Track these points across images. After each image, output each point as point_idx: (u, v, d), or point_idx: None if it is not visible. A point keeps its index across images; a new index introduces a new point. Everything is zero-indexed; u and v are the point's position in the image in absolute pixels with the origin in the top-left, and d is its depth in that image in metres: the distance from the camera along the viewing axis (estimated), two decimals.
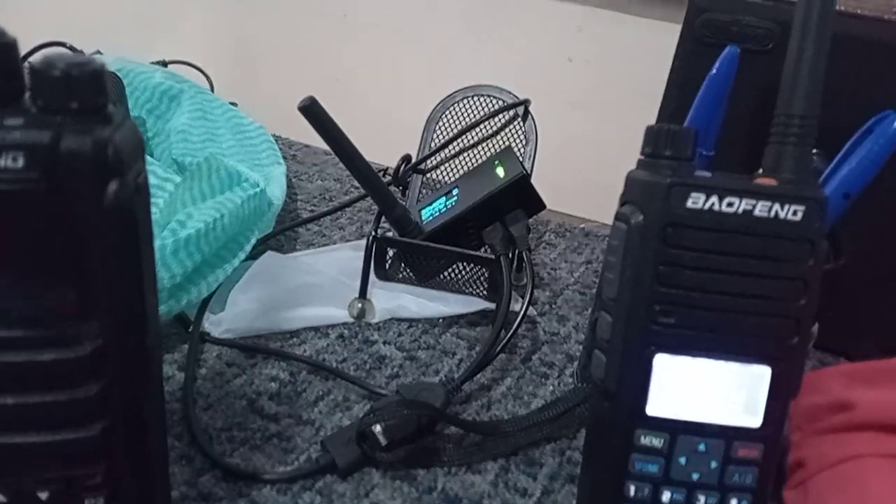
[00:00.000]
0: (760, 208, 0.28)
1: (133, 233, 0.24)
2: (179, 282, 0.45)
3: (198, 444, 0.39)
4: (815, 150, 0.39)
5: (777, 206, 0.28)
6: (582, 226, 0.73)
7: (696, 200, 0.28)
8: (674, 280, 0.28)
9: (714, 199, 0.27)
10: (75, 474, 0.26)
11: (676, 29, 0.49)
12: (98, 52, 0.70)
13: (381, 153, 0.65)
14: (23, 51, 0.23)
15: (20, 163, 0.21)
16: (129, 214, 0.23)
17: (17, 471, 0.25)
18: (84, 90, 0.22)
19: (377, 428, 0.38)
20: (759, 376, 0.29)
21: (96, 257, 0.23)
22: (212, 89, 0.77)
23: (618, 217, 0.30)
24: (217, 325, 0.48)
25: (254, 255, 0.53)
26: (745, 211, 0.28)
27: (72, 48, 0.63)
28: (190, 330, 0.47)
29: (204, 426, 0.40)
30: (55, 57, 0.22)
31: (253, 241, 0.52)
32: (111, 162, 0.22)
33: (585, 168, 0.76)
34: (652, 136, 0.29)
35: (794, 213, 0.28)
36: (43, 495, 0.25)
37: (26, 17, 1.05)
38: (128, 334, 0.25)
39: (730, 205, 0.28)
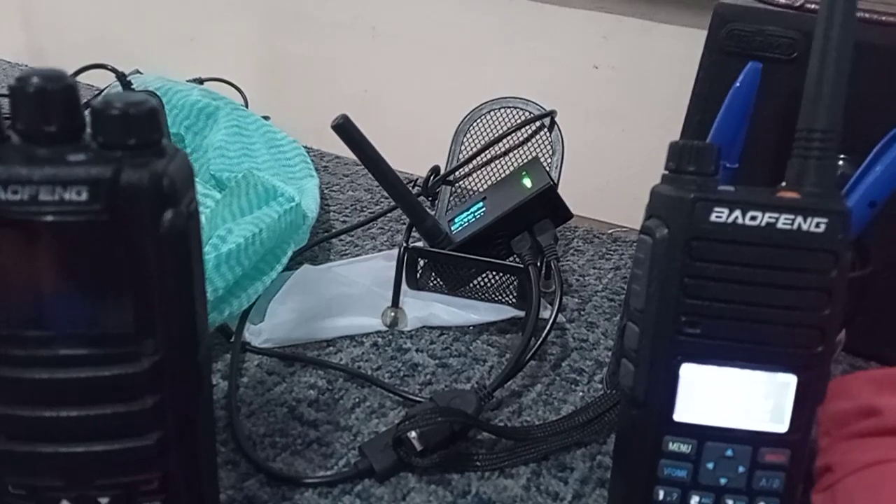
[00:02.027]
0: (783, 221, 0.28)
1: (186, 257, 0.25)
2: (221, 294, 0.47)
3: (242, 450, 0.40)
4: (842, 156, 0.39)
5: (800, 219, 0.28)
6: (610, 231, 0.73)
7: (719, 214, 0.28)
8: (699, 292, 0.29)
9: (737, 212, 0.28)
10: (133, 480, 0.27)
11: (702, 35, 0.49)
12: (137, 71, 0.72)
13: (410, 163, 0.67)
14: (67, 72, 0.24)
15: (84, 196, 0.23)
16: (182, 240, 0.25)
17: (81, 478, 0.27)
18: (141, 127, 0.24)
19: (413, 434, 0.39)
20: (784, 384, 0.29)
21: (153, 280, 0.25)
22: (246, 105, 0.79)
23: (643, 231, 0.30)
24: (257, 335, 0.50)
25: (290, 267, 0.55)
26: (768, 224, 0.28)
27: (113, 70, 0.65)
28: (232, 340, 0.49)
29: (248, 433, 0.42)
30: (114, 97, 0.24)
31: (289, 253, 0.54)
32: (166, 192, 0.24)
33: (613, 174, 0.76)
34: (676, 151, 0.30)
35: (818, 225, 0.28)
36: (104, 500, 0.27)
37: (67, 39, 1.09)
38: (181, 350, 0.26)
39: (753, 218, 0.28)
